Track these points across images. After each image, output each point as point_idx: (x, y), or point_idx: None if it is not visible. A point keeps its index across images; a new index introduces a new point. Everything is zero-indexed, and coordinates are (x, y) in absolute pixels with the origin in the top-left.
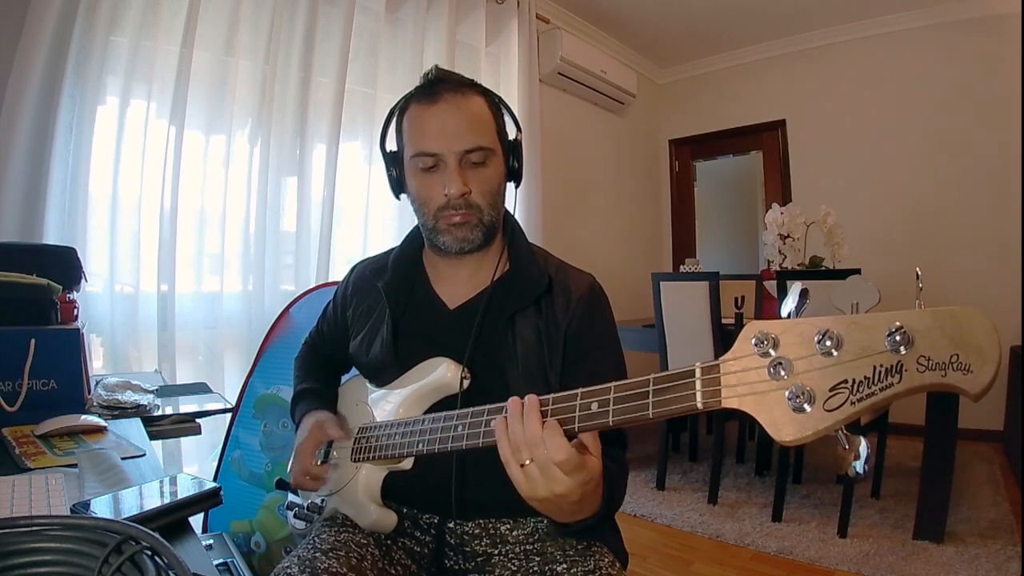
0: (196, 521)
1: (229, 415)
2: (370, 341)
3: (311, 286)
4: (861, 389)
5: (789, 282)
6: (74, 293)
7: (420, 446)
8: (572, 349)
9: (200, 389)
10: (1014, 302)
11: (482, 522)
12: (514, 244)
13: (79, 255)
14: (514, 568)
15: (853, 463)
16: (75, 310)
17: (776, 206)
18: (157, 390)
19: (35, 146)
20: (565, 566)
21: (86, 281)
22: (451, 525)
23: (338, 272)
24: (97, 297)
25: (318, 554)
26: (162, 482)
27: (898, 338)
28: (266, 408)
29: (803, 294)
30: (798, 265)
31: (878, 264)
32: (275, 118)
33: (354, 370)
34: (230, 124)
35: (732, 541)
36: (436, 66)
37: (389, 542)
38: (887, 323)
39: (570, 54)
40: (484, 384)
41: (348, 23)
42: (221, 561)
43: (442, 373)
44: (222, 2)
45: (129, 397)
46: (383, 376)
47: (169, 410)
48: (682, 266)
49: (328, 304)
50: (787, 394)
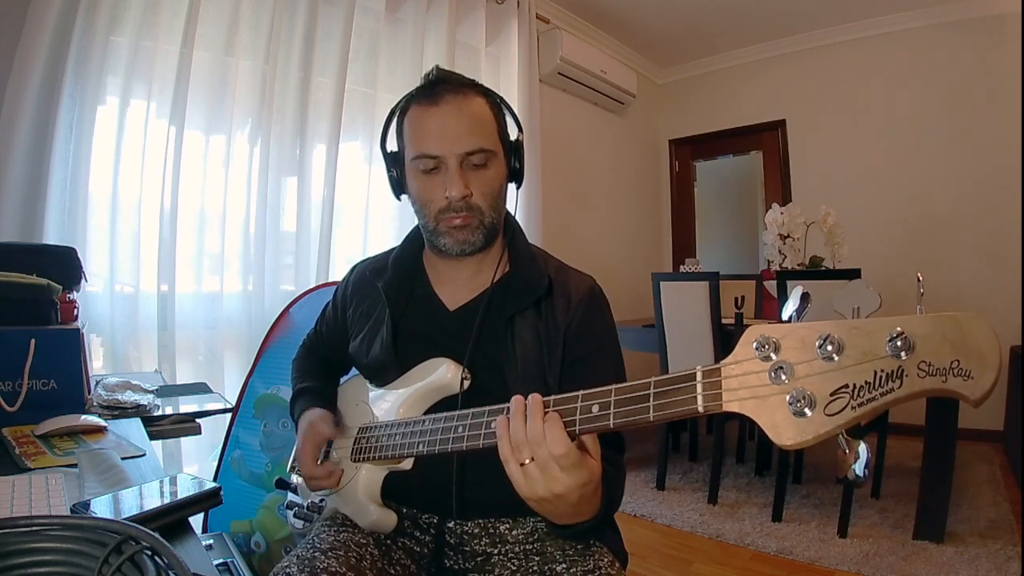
0: (196, 521)
1: (229, 415)
2: (370, 341)
3: (311, 286)
4: (862, 394)
5: (789, 283)
6: (74, 293)
7: (420, 446)
8: (571, 351)
9: (200, 389)
10: (1014, 303)
11: (482, 522)
12: (514, 245)
13: (79, 255)
14: (514, 568)
15: (853, 467)
16: (75, 310)
17: (776, 206)
18: (157, 390)
19: (35, 146)
20: (565, 566)
21: (86, 281)
22: (451, 525)
23: (338, 272)
24: (97, 297)
25: (317, 553)
26: (162, 482)
27: (899, 343)
28: (266, 408)
29: (804, 297)
30: (798, 265)
31: (878, 264)
32: (275, 118)
33: (354, 370)
34: (230, 124)
35: (732, 541)
36: (437, 66)
37: (389, 542)
38: (888, 328)
39: (570, 54)
40: (484, 385)
41: (348, 23)
42: (221, 561)
43: (442, 374)
44: (222, 2)
45: (129, 397)
46: (383, 376)
47: (169, 410)
48: (682, 266)
49: (327, 305)
50: (788, 398)
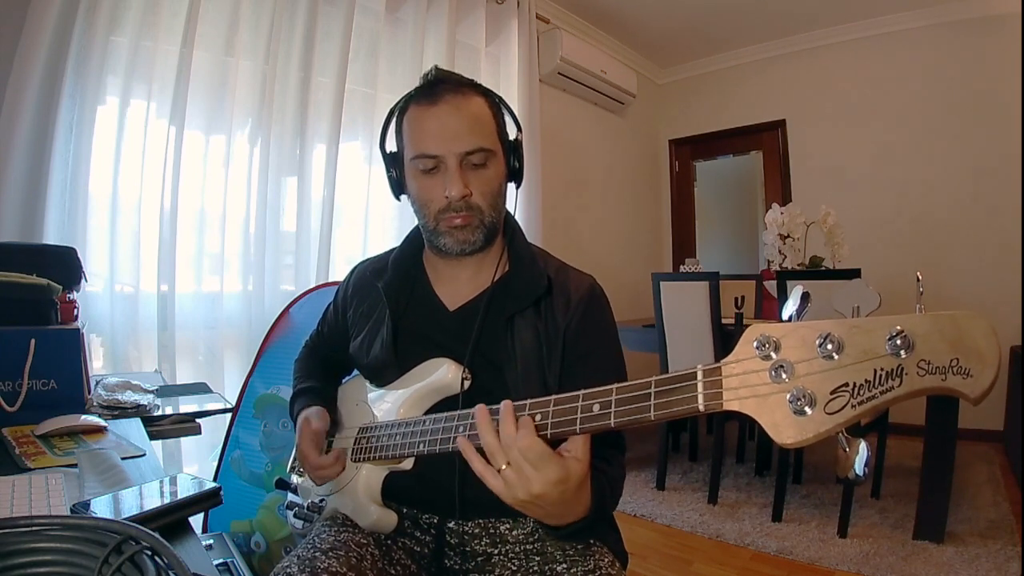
0: (196, 521)
1: (229, 415)
2: (370, 342)
3: (311, 286)
4: (862, 392)
5: (789, 283)
6: (74, 293)
7: (421, 446)
8: (571, 350)
9: (200, 389)
10: (1014, 302)
11: (482, 522)
12: (514, 245)
13: (79, 255)
14: (514, 568)
15: (853, 466)
16: (75, 310)
17: (776, 206)
18: (157, 390)
19: (35, 146)
20: (565, 566)
21: (86, 281)
22: (451, 525)
23: (338, 272)
24: (97, 297)
25: (318, 553)
26: (162, 482)
27: (899, 342)
28: (266, 408)
29: (804, 297)
30: (798, 265)
31: (878, 264)
32: (275, 118)
33: (355, 370)
34: (230, 124)
35: (732, 541)
36: (436, 66)
37: (389, 542)
38: (888, 327)
39: (570, 54)
40: (484, 385)
41: (348, 23)
42: (221, 561)
43: (443, 374)
44: (222, 2)
45: (129, 397)
46: (383, 376)
47: (169, 410)
48: (682, 266)
49: (328, 305)
50: (788, 397)
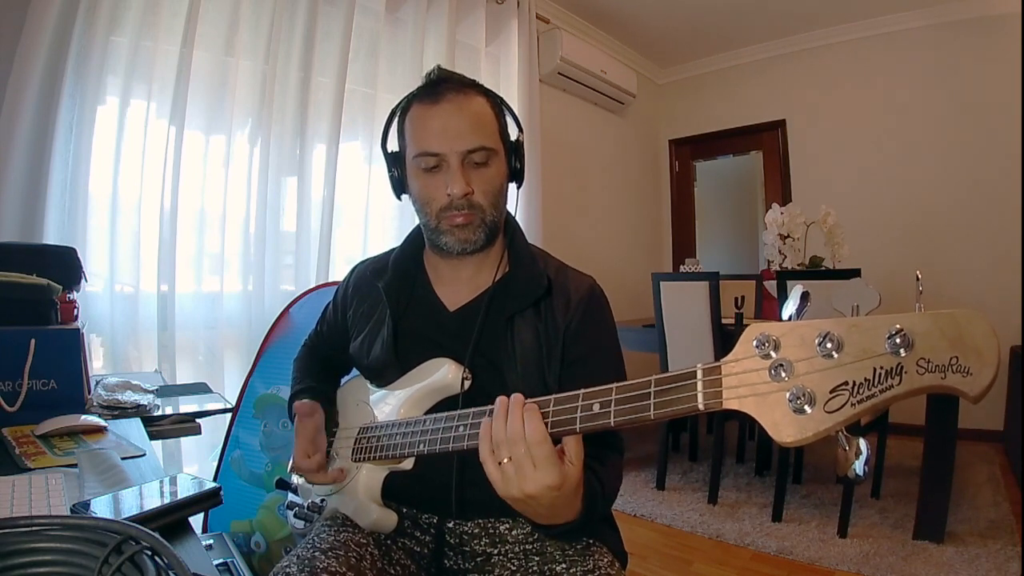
0: (196, 521)
1: (229, 415)
2: (371, 342)
3: (311, 286)
4: (861, 391)
5: (789, 283)
6: (74, 293)
7: (421, 446)
8: (571, 351)
9: (200, 389)
10: (1014, 302)
11: (482, 522)
12: (514, 246)
13: (79, 255)
14: (513, 568)
15: (853, 465)
16: (75, 310)
17: (776, 206)
18: (157, 390)
19: (35, 146)
20: (564, 566)
21: (86, 281)
22: (451, 525)
23: (338, 272)
24: (97, 297)
25: (317, 553)
26: (162, 482)
27: (898, 340)
28: (266, 408)
29: (804, 297)
30: (798, 265)
31: (878, 264)
32: (275, 118)
33: (355, 371)
34: (230, 124)
35: (732, 541)
36: (438, 66)
37: (389, 542)
38: (887, 326)
39: (570, 54)
40: (484, 385)
41: (348, 23)
42: (221, 561)
43: (443, 374)
44: (222, 2)
45: (129, 397)
46: (384, 377)
47: (169, 410)
48: (682, 266)
49: (328, 305)
50: (788, 395)
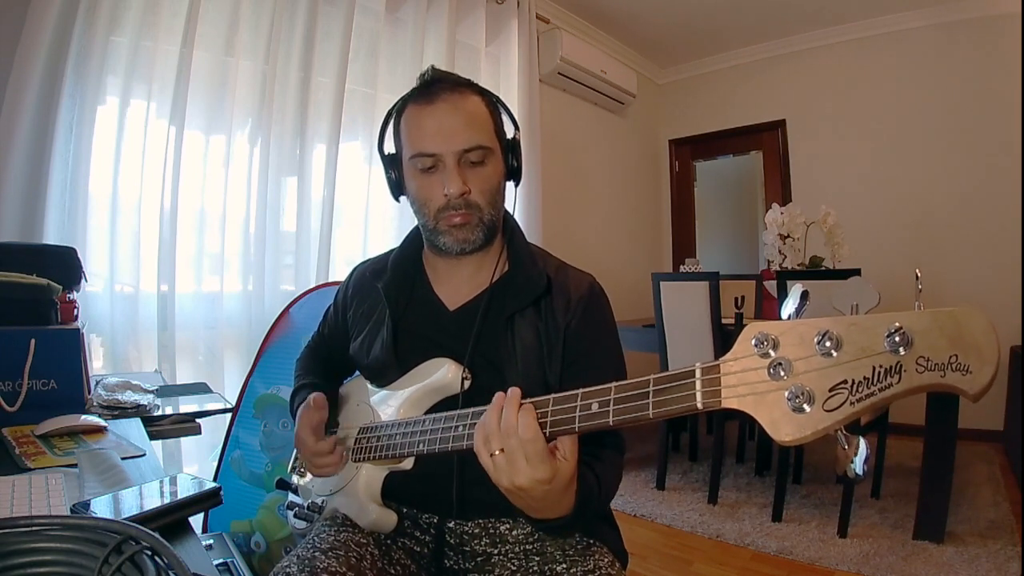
0: (196, 521)
1: (229, 415)
2: (370, 342)
3: (311, 286)
4: (860, 389)
5: (789, 282)
6: (74, 293)
7: (421, 446)
8: (571, 349)
9: (200, 389)
10: (1014, 302)
11: (482, 522)
12: (513, 245)
13: (79, 255)
14: (514, 568)
15: (852, 463)
16: (75, 310)
17: (776, 206)
18: (157, 390)
19: (35, 146)
20: (564, 566)
21: (86, 281)
22: (451, 525)
23: (338, 272)
24: (97, 297)
25: (317, 553)
26: (162, 482)
27: (897, 339)
28: (266, 408)
29: (803, 296)
30: (798, 265)
31: (878, 264)
32: (275, 118)
33: (356, 372)
34: (230, 124)
35: (732, 541)
36: (432, 66)
37: (389, 542)
38: (886, 324)
39: (570, 54)
40: (484, 385)
41: (348, 23)
42: (221, 561)
43: (443, 374)
44: (222, 2)
45: (129, 397)
46: (384, 377)
47: (169, 410)
48: (682, 266)
49: (329, 307)
50: (787, 394)
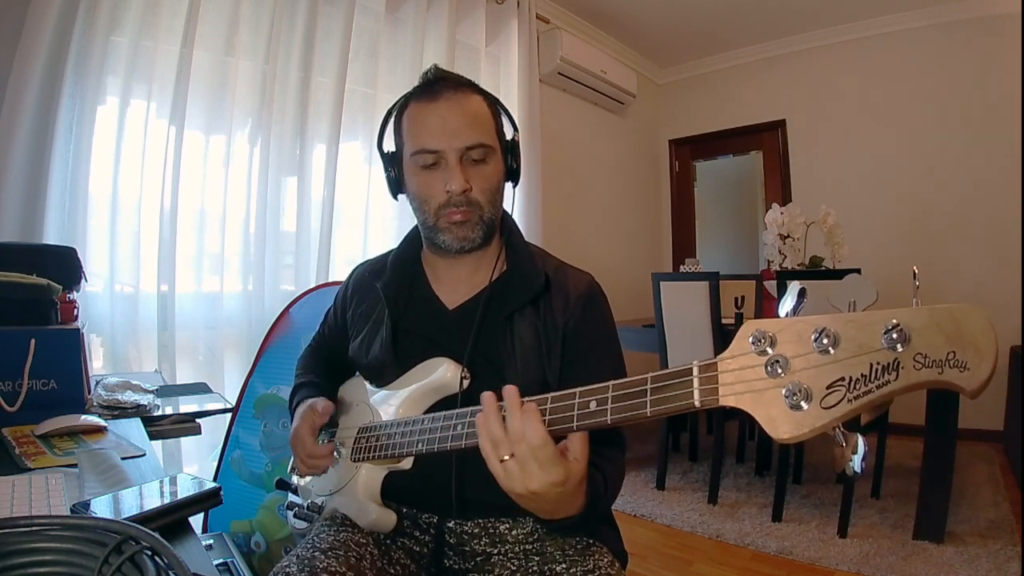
0: (196, 521)
1: (229, 415)
2: (370, 342)
3: (311, 286)
4: (858, 387)
5: (789, 282)
6: (74, 293)
7: (420, 445)
8: (570, 348)
9: (200, 389)
10: (1014, 302)
11: (481, 522)
12: (512, 244)
13: (79, 255)
14: (513, 568)
15: (851, 461)
16: (75, 310)
17: (776, 206)
18: (157, 390)
19: (35, 146)
20: (564, 566)
21: (86, 281)
22: (450, 525)
23: (338, 272)
24: (97, 297)
25: (317, 553)
26: (162, 482)
27: (895, 336)
28: (266, 408)
29: (801, 293)
30: (798, 265)
31: (878, 264)
32: (275, 118)
33: (355, 372)
34: (230, 124)
35: (732, 541)
36: (435, 65)
37: (388, 541)
38: (884, 321)
39: (570, 54)
40: (483, 384)
41: (348, 23)
42: (221, 561)
43: (442, 373)
44: (222, 2)
45: (129, 397)
46: (383, 377)
47: (169, 410)
48: (682, 266)
49: (329, 308)
50: (784, 392)
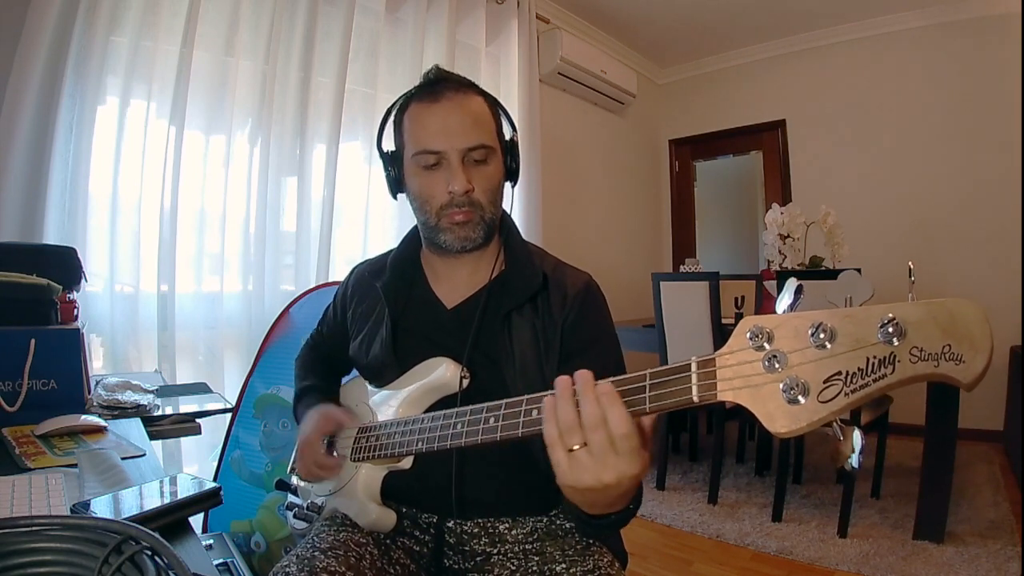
0: (196, 521)
1: (229, 415)
2: (370, 342)
3: (311, 286)
4: (855, 380)
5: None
6: (74, 293)
7: (419, 444)
8: (569, 346)
9: (200, 389)
10: (1014, 302)
11: (481, 521)
12: (510, 243)
13: (79, 255)
14: (513, 568)
15: (850, 456)
16: (75, 310)
17: (776, 206)
18: (157, 390)
19: (35, 146)
20: (564, 566)
21: (86, 281)
22: (450, 524)
23: (338, 272)
24: (97, 297)
25: (317, 553)
26: (162, 482)
27: (891, 329)
28: (266, 408)
29: (798, 290)
30: (798, 265)
31: (878, 264)
32: (275, 118)
33: (354, 372)
34: (230, 124)
35: (732, 541)
36: (436, 66)
37: (388, 541)
38: (880, 315)
39: (570, 54)
40: (483, 383)
41: (348, 23)
42: (221, 561)
43: (442, 373)
44: (222, 2)
45: (129, 397)
46: (383, 376)
47: (169, 410)
48: (682, 266)
49: (328, 307)
50: (782, 386)
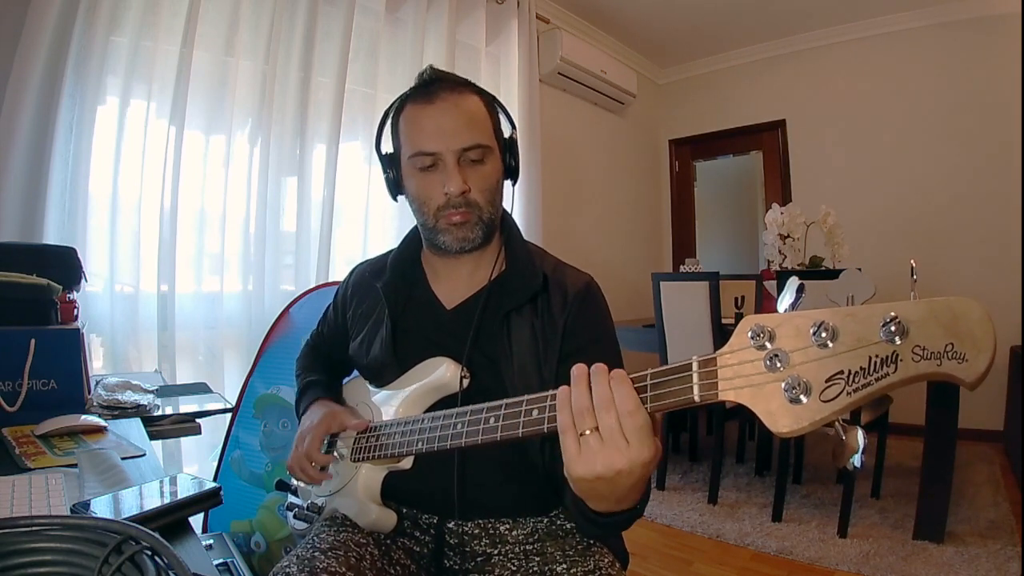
0: (196, 521)
1: (229, 415)
2: (370, 342)
3: (311, 286)
4: (857, 379)
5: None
6: (74, 293)
7: (420, 445)
8: (568, 346)
9: (200, 389)
10: (1014, 302)
11: (481, 522)
12: (511, 243)
13: (79, 255)
14: (513, 568)
15: (851, 456)
16: (75, 310)
17: (776, 206)
18: (157, 390)
19: (35, 146)
20: (565, 566)
21: (86, 281)
22: (451, 525)
23: (338, 272)
24: (97, 297)
25: (317, 553)
26: (162, 482)
27: (893, 328)
28: (266, 408)
29: (799, 289)
30: (798, 265)
31: (878, 264)
32: (275, 118)
33: (355, 372)
34: (230, 124)
35: (732, 541)
36: (431, 66)
37: (388, 542)
38: (882, 314)
39: (570, 54)
40: (482, 383)
41: (348, 23)
42: (221, 561)
43: (442, 373)
44: (222, 2)
45: (129, 397)
46: (383, 376)
47: (169, 410)
48: (682, 266)
49: (328, 307)
50: (783, 386)
